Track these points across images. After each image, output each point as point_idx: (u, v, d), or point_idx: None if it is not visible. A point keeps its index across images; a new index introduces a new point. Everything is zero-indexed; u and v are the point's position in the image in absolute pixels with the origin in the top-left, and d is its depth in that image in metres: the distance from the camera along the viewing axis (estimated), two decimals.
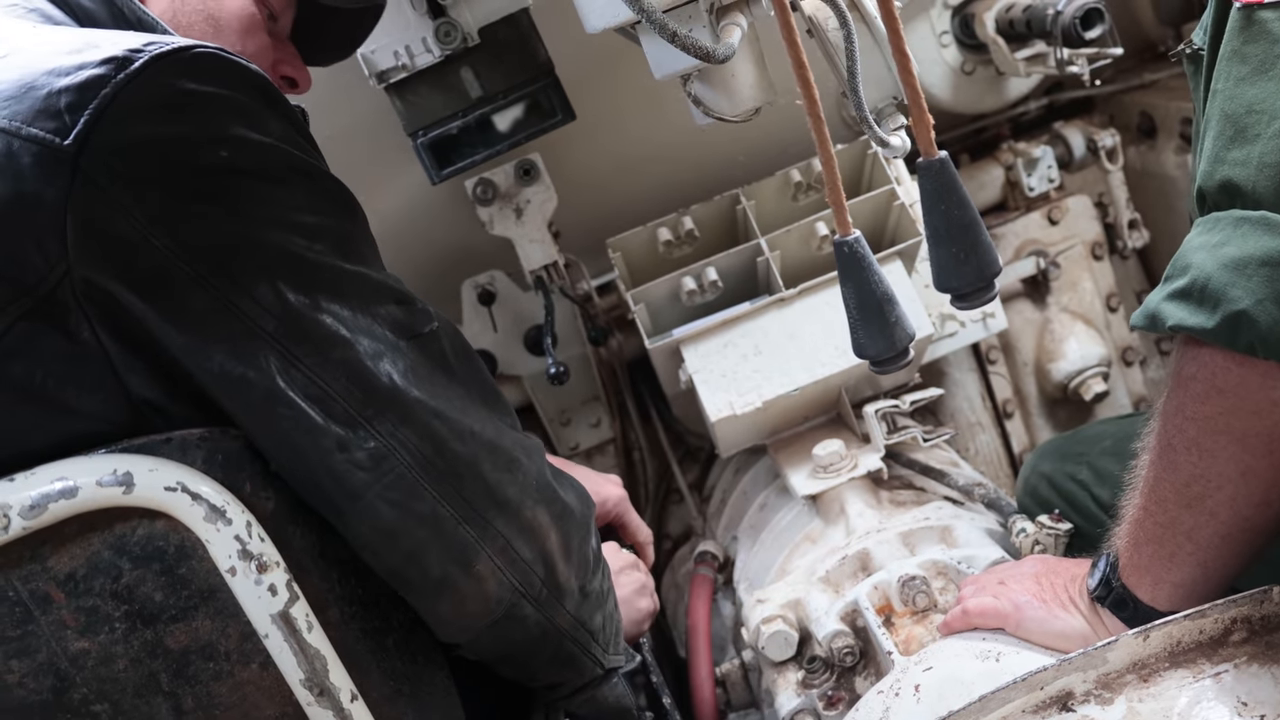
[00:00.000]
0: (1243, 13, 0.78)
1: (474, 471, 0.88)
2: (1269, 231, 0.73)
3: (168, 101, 0.73)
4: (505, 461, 0.91)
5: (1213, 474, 0.81)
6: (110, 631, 0.72)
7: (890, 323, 0.73)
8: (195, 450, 0.73)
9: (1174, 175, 1.93)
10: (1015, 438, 1.98)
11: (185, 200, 0.74)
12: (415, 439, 0.83)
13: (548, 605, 0.96)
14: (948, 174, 0.70)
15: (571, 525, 0.99)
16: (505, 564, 0.91)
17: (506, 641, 0.96)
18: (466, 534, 0.87)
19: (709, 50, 0.91)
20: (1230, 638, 0.82)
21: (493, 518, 0.89)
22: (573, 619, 1.00)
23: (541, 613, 0.95)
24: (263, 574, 0.73)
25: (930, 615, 1.23)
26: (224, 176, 0.75)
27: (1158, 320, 0.80)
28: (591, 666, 1.06)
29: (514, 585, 0.92)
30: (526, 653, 0.99)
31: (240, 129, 0.76)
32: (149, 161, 0.73)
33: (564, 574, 0.97)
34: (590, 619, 1.03)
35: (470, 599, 0.90)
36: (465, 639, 0.94)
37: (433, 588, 0.87)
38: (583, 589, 1.01)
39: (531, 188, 1.67)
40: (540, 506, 0.94)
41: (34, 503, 0.68)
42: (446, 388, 0.88)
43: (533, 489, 0.94)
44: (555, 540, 0.96)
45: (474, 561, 0.88)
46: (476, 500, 0.88)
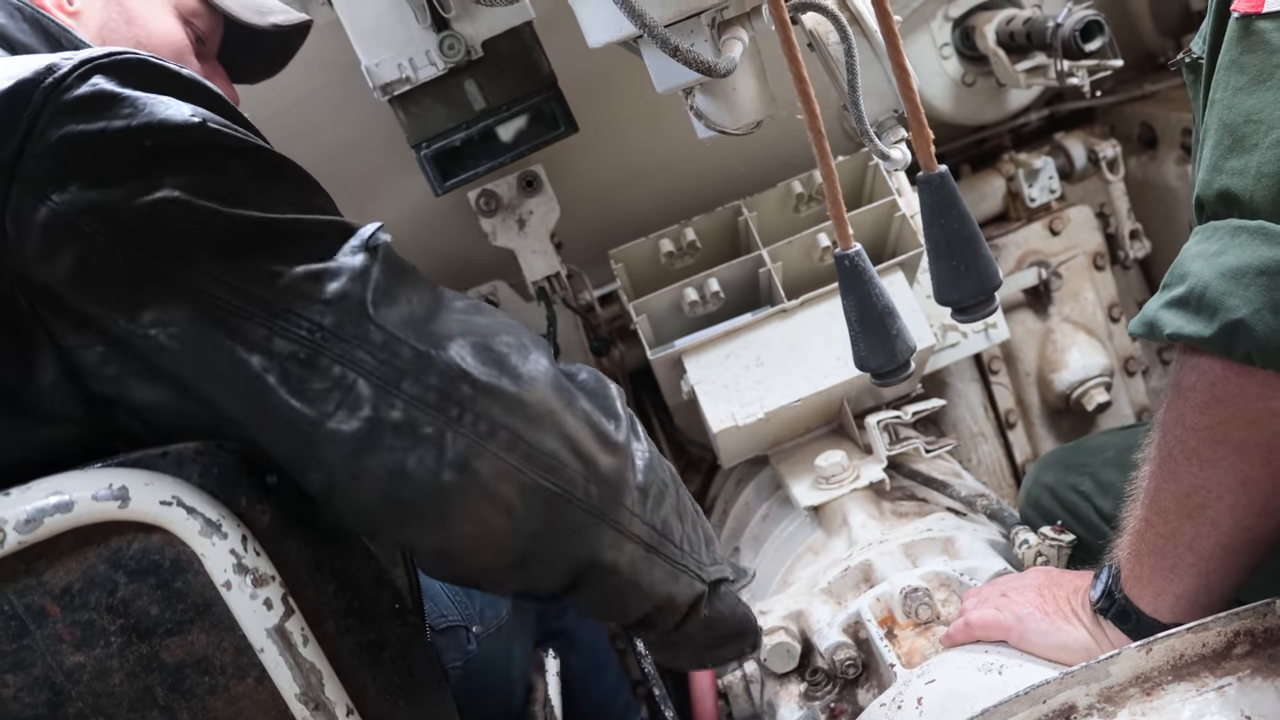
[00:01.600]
0: (1241, 22, 0.78)
1: (450, 366, 0.78)
2: (1266, 241, 0.73)
3: (93, 100, 0.75)
4: (486, 351, 0.81)
5: (1213, 484, 0.81)
6: (106, 645, 0.72)
7: (891, 335, 0.74)
8: (191, 464, 0.74)
9: (1175, 186, 1.94)
10: (1018, 448, 1.98)
11: (110, 184, 0.74)
12: (368, 350, 0.76)
13: (603, 506, 0.84)
14: (948, 188, 0.70)
15: (595, 404, 0.87)
16: (520, 459, 0.79)
17: (567, 557, 0.84)
18: (456, 433, 0.77)
19: (711, 64, 0.92)
20: (1233, 651, 0.82)
21: (484, 407, 0.78)
22: (642, 521, 0.88)
23: (597, 515, 0.83)
24: (258, 588, 0.73)
25: (933, 627, 1.23)
26: (147, 159, 0.75)
27: (1155, 328, 0.80)
28: (687, 581, 0.94)
29: (542, 483, 0.80)
30: (599, 569, 0.86)
31: (163, 117, 0.76)
32: (76, 155, 0.74)
33: (609, 464, 0.85)
34: (663, 519, 0.91)
35: (486, 509, 0.79)
36: (508, 560, 0.82)
37: (435, 507, 0.77)
38: (642, 486, 0.88)
39: (534, 199, 1.68)
40: (545, 388, 0.82)
41: (29, 517, 0.68)
42: (396, 291, 0.81)
43: (527, 369, 0.82)
44: (577, 424, 0.84)
45: (471, 462, 0.77)
46: (455, 391, 0.78)
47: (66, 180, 0.72)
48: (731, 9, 1.00)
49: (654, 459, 0.92)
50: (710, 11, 0.98)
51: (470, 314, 0.84)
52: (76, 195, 0.72)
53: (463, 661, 1.19)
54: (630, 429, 0.90)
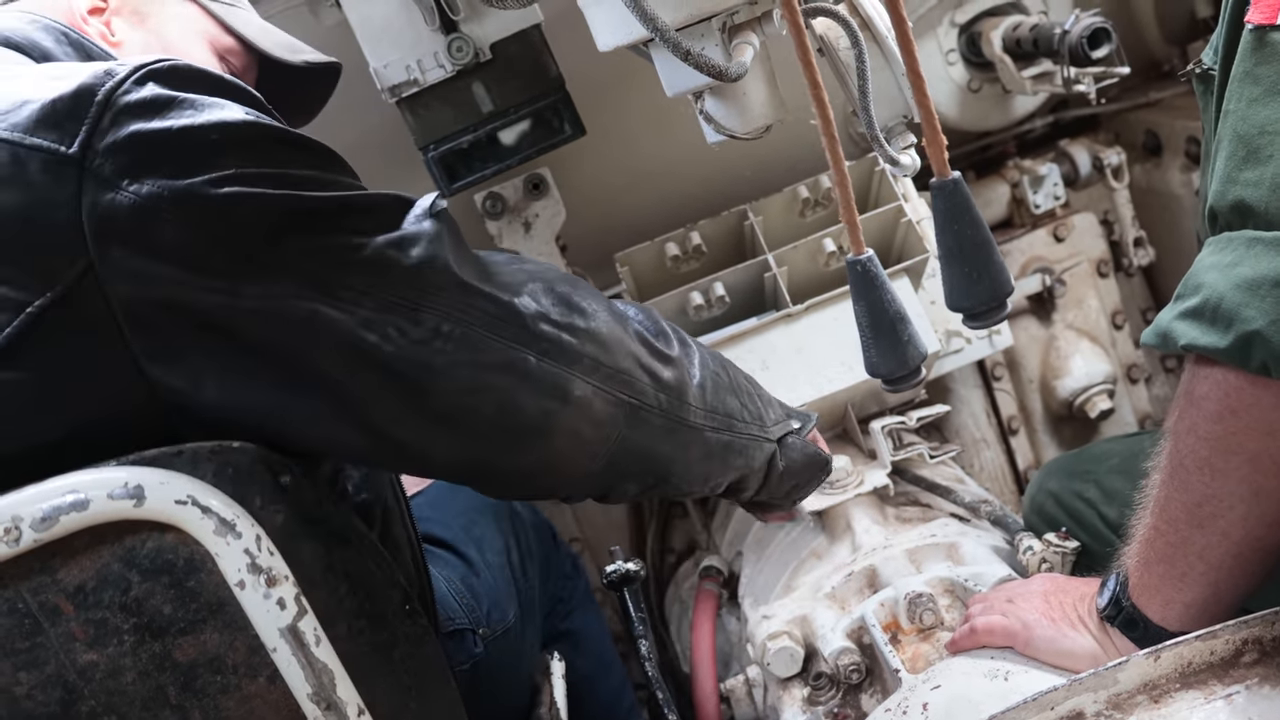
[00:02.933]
0: (1255, 34, 0.78)
1: (531, 310, 0.90)
2: None
3: (153, 102, 0.79)
4: (553, 293, 0.93)
5: (1224, 494, 0.81)
6: (119, 644, 0.72)
7: (903, 341, 0.74)
8: (206, 463, 0.74)
9: (1179, 193, 1.94)
10: (1020, 454, 1.98)
11: (184, 175, 0.78)
12: (461, 303, 0.86)
13: (672, 409, 0.98)
14: (961, 194, 0.70)
15: (646, 327, 1.01)
16: (603, 380, 0.93)
17: (650, 455, 0.98)
18: (549, 366, 0.89)
19: (722, 68, 0.92)
20: (1241, 659, 0.82)
21: (567, 340, 0.91)
22: (705, 411, 1.02)
23: (669, 417, 0.98)
24: (271, 588, 0.73)
25: (937, 633, 1.23)
26: (215, 152, 0.79)
27: (1169, 339, 0.81)
28: (756, 446, 1.10)
29: (622, 398, 0.94)
30: (680, 460, 1.01)
31: (222, 115, 0.81)
32: (145, 152, 0.77)
33: (670, 375, 0.99)
34: (723, 404, 1.05)
35: (583, 425, 0.92)
36: (600, 465, 0.95)
37: (539, 429, 0.89)
38: (701, 383, 1.02)
39: (540, 202, 1.68)
40: (607, 318, 0.96)
41: (45, 515, 0.68)
42: (463, 250, 0.90)
43: (589, 305, 0.95)
44: (638, 346, 0.97)
45: (569, 389, 0.90)
46: (539, 330, 0.90)
47: (141, 174, 0.76)
48: (742, 14, 1.00)
49: (704, 356, 1.06)
50: (721, 16, 0.98)
51: (522, 264, 0.96)
52: (159, 185, 0.76)
53: (470, 664, 1.19)
54: (679, 341, 1.04)
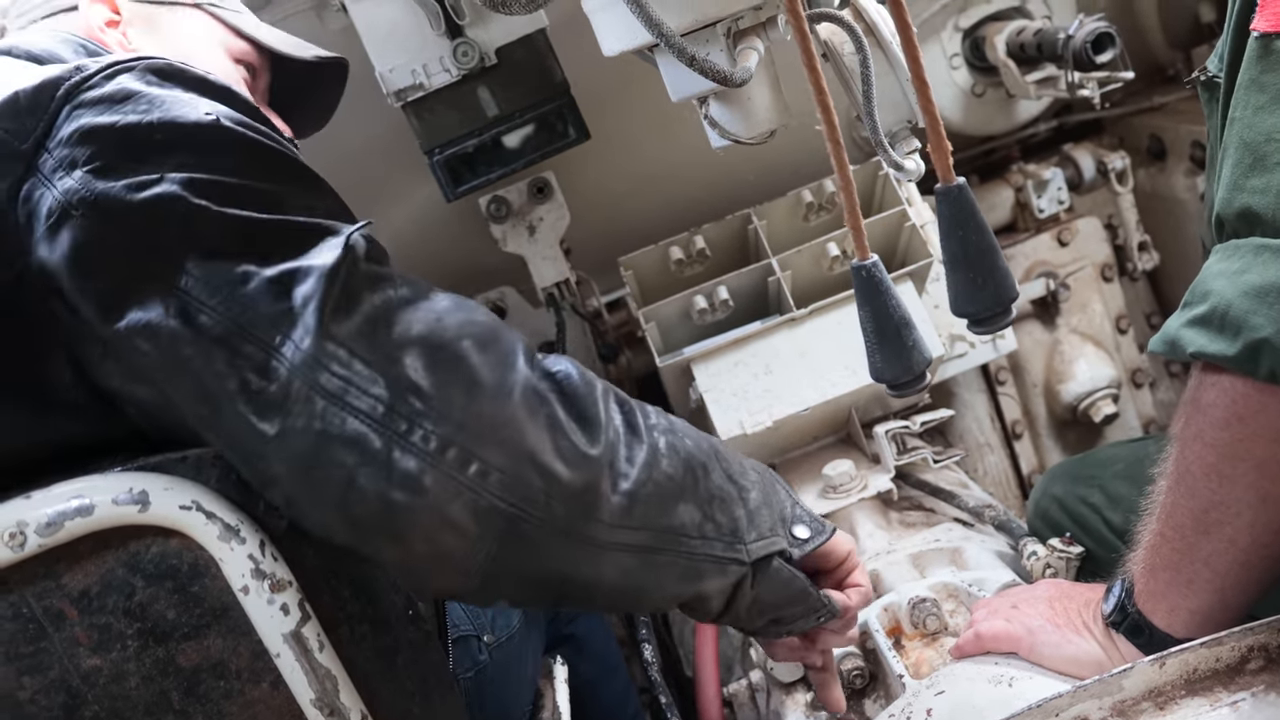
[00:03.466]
0: (1261, 41, 0.78)
1: (396, 375, 0.74)
2: None
3: (112, 97, 0.77)
4: (444, 360, 0.76)
5: (1231, 500, 0.81)
6: (122, 649, 0.73)
7: (908, 346, 0.74)
8: (210, 469, 0.74)
9: (1183, 198, 1.94)
10: (1024, 459, 1.98)
11: (109, 175, 0.75)
12: (322, 361, 0.73)
13: (571, 522, 0.78)
14: (966, 199, 0.70)
15: (570, 410, 0.81)
16: (472, 477, 0.75)
17: (540, 575, 0.80)
18: (399, 451, 0.73)
19: (726, 74, 0.92)
20: (1247, 666, 0.81)
21: (433, 422, 0.74)
22: (628, 528, 0.82)
23: (563, 533, 0.78)
24: (275, 593, 0.74)
25: (941, 638, 1.22)
26: (155, 152, 0.76)
27: (1177, 346, 0.80)
28: (715, 568, 0.88)
29: (496, 503, 0.75)
30: (585, 582, 0.82)
31: (177, 114, 0.77)
32: (88, 143, 0.75)
33: (576, 479, 0.79)
34: (666, 516, 0.84)
35: (440, 530, 0.75)
36: (475, 582, 0.78)
37: (387, 525, 0.74)
38: (630, 493, 0.82)
39: (544, 205, 1.69)
40: (503, 398, 0.77)
41: (50, 520, 0.69)
42: (361, 294, 0.77)
43: (488, 376, 0.77)
44: (539, 436, 0.78)
45: (420, 481, 0.73)
46: (402, 405, 0.73)
47: (74, 168, 0.74)
48: (747, 19, 1.00)
49: (659, 453, 0.86)
50: (726, 21, 0.99)
51: (445, 314, 0.80)
52: (79, 183, 0.74)
53: (474, 671, 1.18)
54: (615, 431, 0.84)
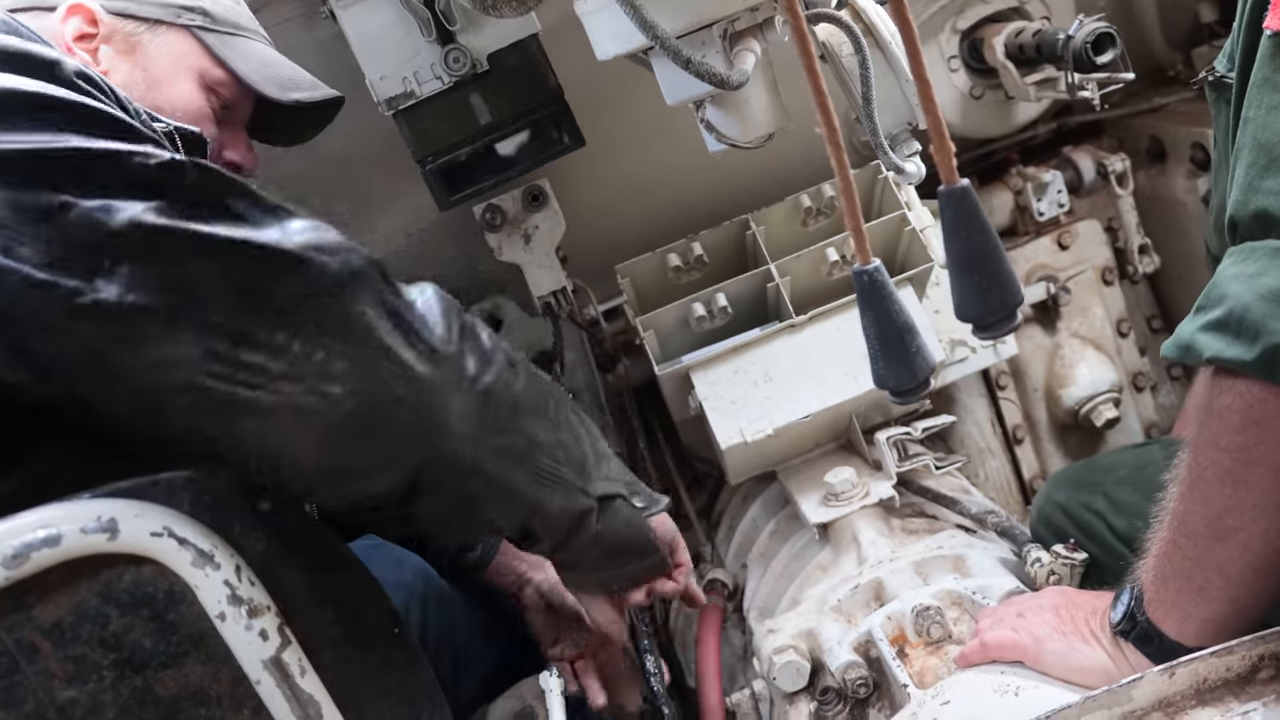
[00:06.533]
0: (1274, 40, 0.77)
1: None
2: None
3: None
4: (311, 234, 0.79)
5: (1246, 506, 0.79)
6: (99, 680, 0.71)
7: (912, 353, 0.72)
8: (182, 493, 0.73)
9: (1184, 200, 1.93)
10: (1025, 464, 1.96)
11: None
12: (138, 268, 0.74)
13: (427, 408, 0.83)
14: (970, 201, 0.69)
15: (417, 317, 0.85)
16: (318, 365, 0.78)
17: (391, 452, 0.83)
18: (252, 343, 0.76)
19: (723, 76, 0.91)
20: (1258, 675, 0.80)
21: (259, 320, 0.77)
22: (494, 429, 0.88)
23: (422, 417, 0.83)
24: (253, 619, 0.72)
25: (945, 646, 1.21)
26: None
27: (1192, 351, 0.79)
28: (561, 490, 0.95)
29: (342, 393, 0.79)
30: (446, 476, 0.86)
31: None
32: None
33: (428, 370, 0.83)
34: (529, 434, 0.91)
35: (291, 413, 0.77)
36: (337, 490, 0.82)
37: (228, 412, 0.76)
38: (487, 391, 0.88)
39: (540, 213, 1.67)
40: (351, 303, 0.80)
41: (16, 552, 0.67)
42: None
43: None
44: (391, 332, 0.82)
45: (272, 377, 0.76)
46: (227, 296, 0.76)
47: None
48: (743, 20, 0.99)
49: (513, 370, 0.93)
50: (722, 23, 0.97)
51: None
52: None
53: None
54: (470, 343, 0.90)
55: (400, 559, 1.34)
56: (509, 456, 0.91)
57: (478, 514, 0.93)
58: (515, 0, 0.87)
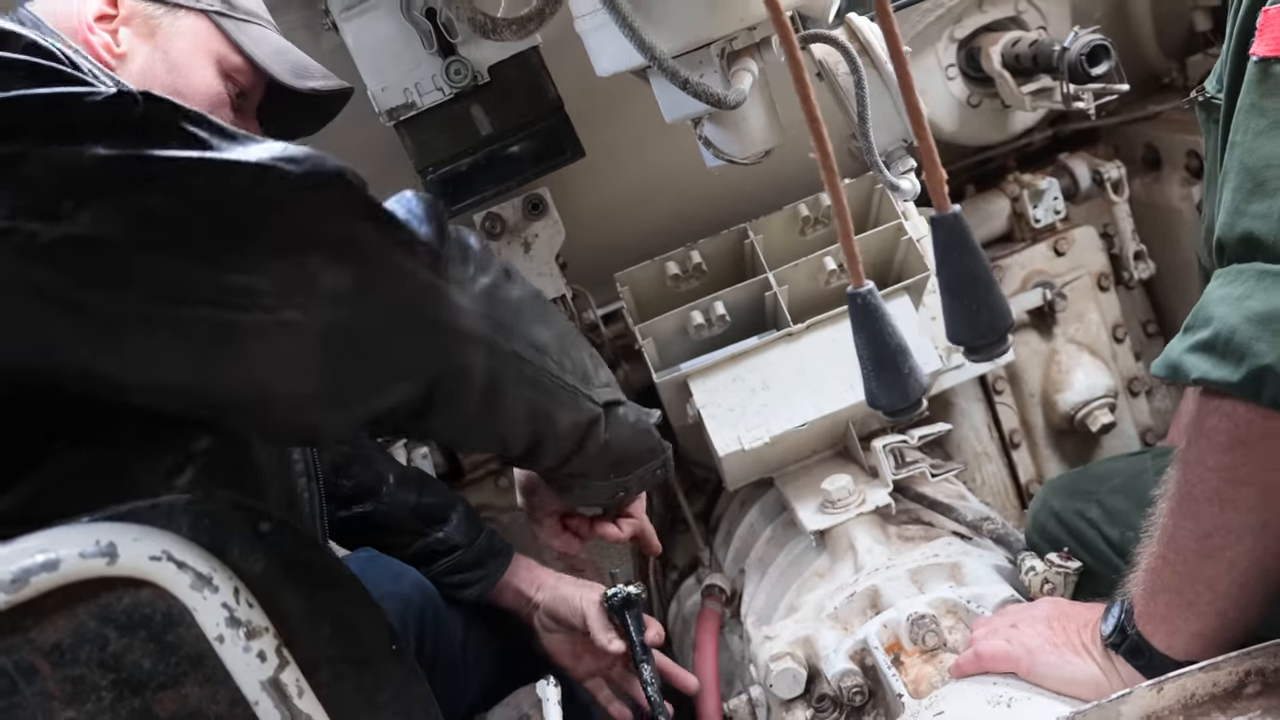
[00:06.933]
0: (1260, 66, 0.78)
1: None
2: None
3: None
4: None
5: (1234, 524, 0.81)
6: (98, 701, 0.71)
7: (904, 374, 0.73)
8: (181, 516, 0.72)
9: (1179, 207, 1.94)
10: (1022, 468, 1.98)
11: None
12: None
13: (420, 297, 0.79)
14: (960, 228, 0.70)
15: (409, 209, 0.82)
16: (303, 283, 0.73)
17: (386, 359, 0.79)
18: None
19: (720, 96, 0.92)
20: (1244, 690, 0.81)
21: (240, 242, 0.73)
22: (489, 320, 0.84)
23: (423, 320, 0.79)
24: (251, 640, 0.72)
25: (940, 654, 1.22)
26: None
27: (1180, 372, 0.81)
28: (570, 398, 0.92)
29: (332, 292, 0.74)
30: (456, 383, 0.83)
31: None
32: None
33: (428, 278, 0.80)
34: (526, 329, 0.87)
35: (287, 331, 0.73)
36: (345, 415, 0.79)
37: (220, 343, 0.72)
38: (488, 290, 0.85)
39: (539, 222, 1.68)
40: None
41: (15, 577, 0.67)
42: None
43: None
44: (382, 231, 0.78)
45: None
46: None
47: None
48: (741, 40, 1.00)
49: (509, 276, 0.89)
50: (720, 43, 0.99)
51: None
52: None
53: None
54: (462, 244, 0.86)
55: (398, 572, 1.35)
56: (519, 361, 0.88)
57: (492, 425, 0.89)
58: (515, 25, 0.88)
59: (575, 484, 1.04)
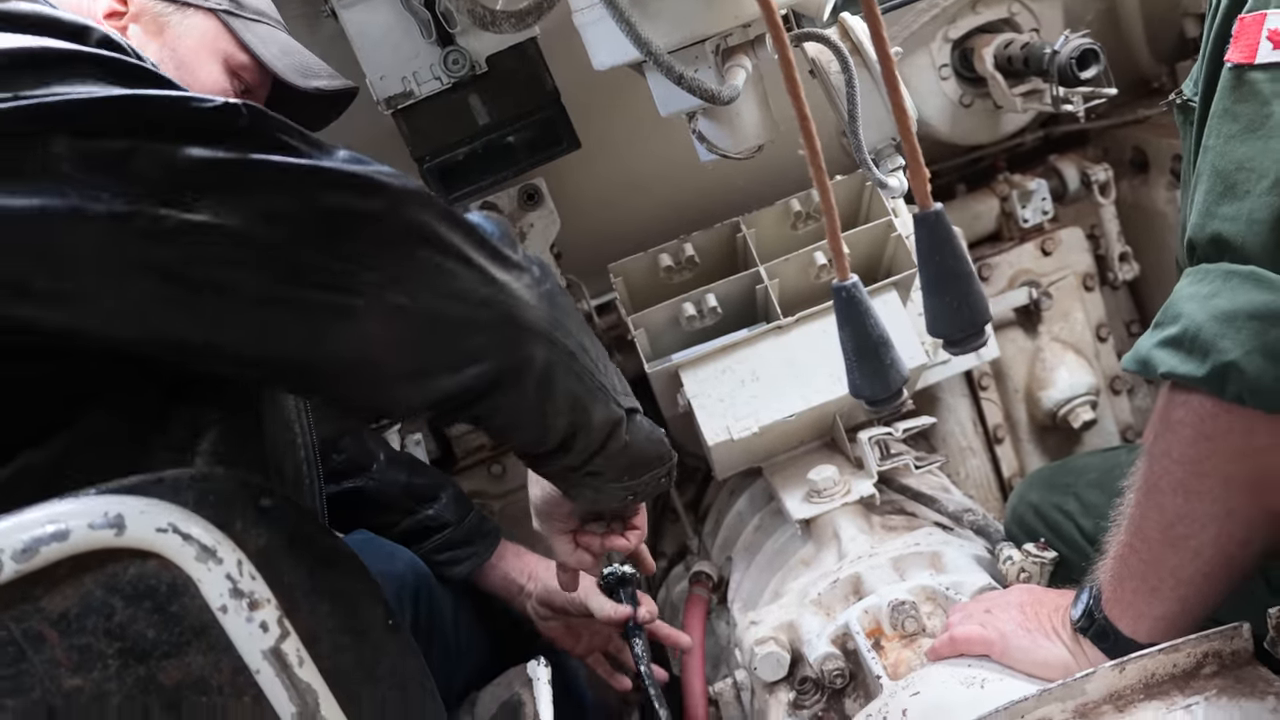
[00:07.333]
0: (1234, 72, 0.81)
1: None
2: (1258, 286, 0.76)
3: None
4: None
5: (1198, 514, 0.84)
6: (104, 669, 0.73)
7: (886, 365, 0.76)
8: (186, 490, 0.74)
9: (1164, 210, 1.97)
10: (1005, 462, 2.01)
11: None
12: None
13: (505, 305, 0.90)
14: (943, 226, 0.73)
15: (485, 229, 0.93)
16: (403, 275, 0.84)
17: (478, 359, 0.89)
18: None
19: (714, 92, 0.95)
20: (1201, 671, 0.85)
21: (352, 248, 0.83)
22: (556, 326, 0.94)
23: (493, 311, 0.90)
24: (254, 611, 0.74)
25: (918, 639, 1.26)
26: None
27: (1149, 366, 0.84)
28: (603, 399, 1.01)
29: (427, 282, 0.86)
30: (521, 375, 0.92)
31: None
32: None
33: (504, 274, 0.91)
34: (579, 339, 0.98)
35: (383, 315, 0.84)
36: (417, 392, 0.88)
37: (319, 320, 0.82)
38: (549, 296, 0.95)
39: (535, 212, 1.70)
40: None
41: (26, 546, 0.68)
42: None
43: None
44: (463, 241, 0.89)
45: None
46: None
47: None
48: (736, 36, 1.03)
49: (557, 285, 0.99)
50: (715, 39, 1.01)
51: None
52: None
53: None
54: (522, 251, 0.97)
55: (392, 552, 1.38)
56: (570, 357, 0.97)
57: (541, 414, 0.98)
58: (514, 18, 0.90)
59: (590, 485, 1.10)
